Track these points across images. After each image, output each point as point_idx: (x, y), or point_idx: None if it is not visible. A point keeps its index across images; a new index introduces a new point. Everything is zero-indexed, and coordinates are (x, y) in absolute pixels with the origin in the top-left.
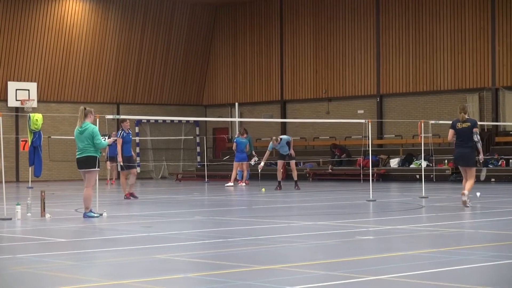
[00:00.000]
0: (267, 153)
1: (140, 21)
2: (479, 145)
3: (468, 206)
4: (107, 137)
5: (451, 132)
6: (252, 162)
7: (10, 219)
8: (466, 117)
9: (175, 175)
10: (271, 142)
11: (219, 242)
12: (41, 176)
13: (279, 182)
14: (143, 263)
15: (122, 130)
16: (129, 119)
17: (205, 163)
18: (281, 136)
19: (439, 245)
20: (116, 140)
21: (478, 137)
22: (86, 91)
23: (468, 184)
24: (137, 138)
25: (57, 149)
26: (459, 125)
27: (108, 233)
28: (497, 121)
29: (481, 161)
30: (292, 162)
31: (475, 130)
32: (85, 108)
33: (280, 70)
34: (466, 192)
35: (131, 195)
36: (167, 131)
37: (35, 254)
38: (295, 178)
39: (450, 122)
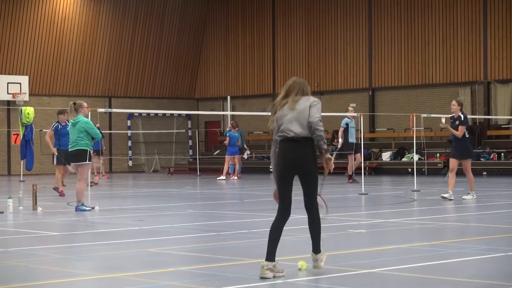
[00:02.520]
0: (341, 130)
1: (132, 14)
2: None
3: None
4: None
5: (463, 128)
6: (245, 156)
7: (2, 212)
8: None
9: (167, 169)
10: (346, 118)
11: (211, 235)
12: (32, 170)
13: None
14: (135, 257)
15: (58, 122)
16: (118, 112)
17: (197, 157)
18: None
19: (431, 238)
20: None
21: None
22: (78, 84)
23: (471, 181)
24: (128, 132)
25: None
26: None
27: (100, 226)
28: (489, 115)
29: None
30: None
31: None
32: (74, 103)
33: (272, 63)
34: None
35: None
36: (159, 125)
37: (27, 248)
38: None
39: (443, 115)
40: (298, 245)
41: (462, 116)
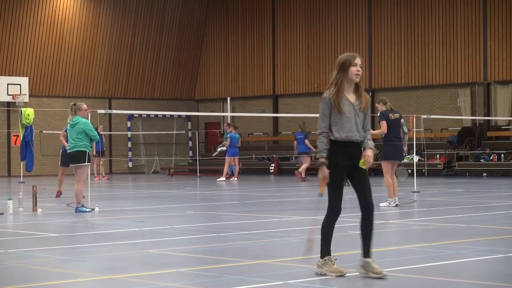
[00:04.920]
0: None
1: (132, 15)
2: (406, 137)
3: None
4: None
5: (384, 124)
6: (218, 149)
7: (2, 214)
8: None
9: (167, 170)
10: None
11: (211, 236)
12: (33, 171)
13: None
14: (135, 258)
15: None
16: (118, 113)
17: (197, 158)
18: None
19: (431, 239)
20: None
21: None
22: (78, 85)
23: (396, 184)
24: (128, 133)
25: (48, 144)
26: (392, 116)
27: (100, 227)
28: (488, 116)
29: (405, 154)
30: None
31: (403, 121)
32: (74, 104)
33: (272, 64)
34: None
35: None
36: (159, 126)
37: (27, 249)
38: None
39: (441, 116)
40: (297, 246)
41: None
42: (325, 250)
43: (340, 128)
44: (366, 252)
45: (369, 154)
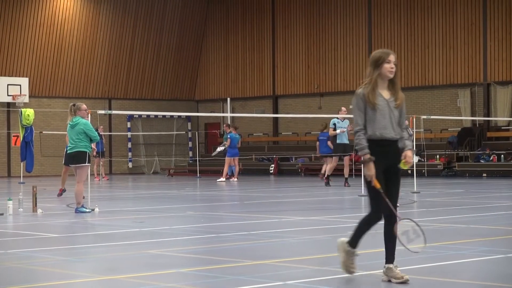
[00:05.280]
0: (331, 130)
1: (132, 16)
2: (410, 141)
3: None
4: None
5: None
6: (218, 149)
7: (2, 214)
8: None
9: (167, 170)
10: (334, 119)
11: (211, 237)
12: (32, 171)
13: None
14: (135, 258)
15: None
16: (118, 114)
17: (197, 158)
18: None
19: (431, 240)
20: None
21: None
22: (78, 86)
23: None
24: (128, 134)
25: (48, 144)
26: None
27: (100, 228)
28: (488, 116)
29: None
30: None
31: (407, 123)
32: (74, 105)
33: (272, 65)
34: None
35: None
36: (159, 126)
37: (27, 250)
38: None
39: (441, 117)
40: (297, 247)
41: None
42: (354, 242)
43: (374, 126)
44: (388, 258)
45: (409, 154)
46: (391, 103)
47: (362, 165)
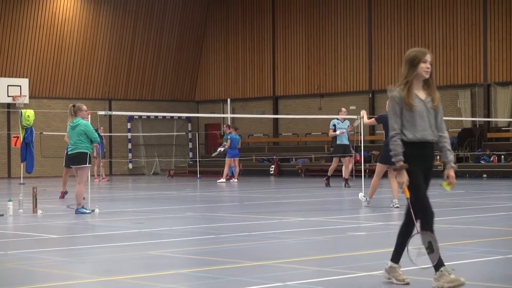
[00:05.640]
0: (331, 131)
1: (132, 17)
2: None
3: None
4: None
5: (372, 120)
6: (218, 150)
7: (2, 215)
8: None
9: (167, 171)
10: (334, 120)
11: (211, 238)
12: (33, 172)
13: (347, 179)
14: (135, 259)
15: None
16: (118, 114)
17: (197, 159)
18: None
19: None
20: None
21: None
22: (78, 87)
23: (396, 188)
24: (129, 134)
25: (49, 145)
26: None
27: (100, 229)
28: (489, 117)
29: None
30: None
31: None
32: (74, 106)
33: (272, 66)
34: (396, 201)
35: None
36: (159, 127)
37: (27, 251)
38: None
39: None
40: (297, 248)
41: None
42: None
43: (413, 128)
44: (395, 257)
45: (452, 174)
46: (428, 103)
47: (396, 171)
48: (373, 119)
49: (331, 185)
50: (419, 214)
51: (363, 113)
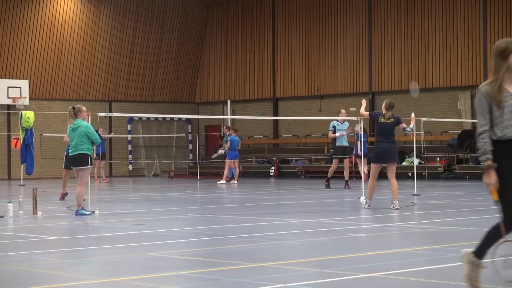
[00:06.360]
0: (330, 133)
1: (132, 19)
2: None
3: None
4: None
5: (366, 114)
6: (218, 151)
7: (2, 216)
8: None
9: (167, 173)
10: (333, 121)
11: (211, 239)
12: (33, 174)
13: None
14: (135, 261)
15: None
16: (118, 116)
17: (197, 161)
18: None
19: (431, 242)
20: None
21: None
22: (78, 88)
23: (396, 189)
24: (129, 136)
25: (49, 147)
26: (382, 118)
27: (101, 230)
28: None
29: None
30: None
31: (404, 125)
32: (73, 108)
33: (272, 67)
34: (397, 202)
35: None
36: (159, 129)
37: (27, 252)
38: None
39: (441, 119)
40: (297, 249)
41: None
42: (481, 253)
43: (503, 125)
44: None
45: None
46: None
47: (483, 172)
48: (368, 113)
49: (331, 187)
50: (507, 218)
51: (364, 102)
